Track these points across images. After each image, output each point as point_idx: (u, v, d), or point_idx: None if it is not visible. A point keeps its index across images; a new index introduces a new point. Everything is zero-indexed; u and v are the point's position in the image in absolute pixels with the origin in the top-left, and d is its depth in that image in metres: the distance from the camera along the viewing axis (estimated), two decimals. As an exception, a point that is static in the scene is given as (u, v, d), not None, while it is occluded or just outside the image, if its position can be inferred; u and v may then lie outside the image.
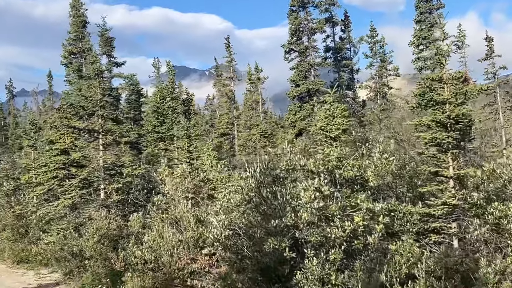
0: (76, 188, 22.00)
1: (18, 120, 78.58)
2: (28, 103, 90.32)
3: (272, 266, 13.68)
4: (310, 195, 12.35)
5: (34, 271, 20.99)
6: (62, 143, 23.18)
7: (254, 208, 14.53)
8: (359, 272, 12.13)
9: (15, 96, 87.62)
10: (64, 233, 20.66)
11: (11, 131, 73.64)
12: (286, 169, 13.80)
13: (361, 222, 12.28)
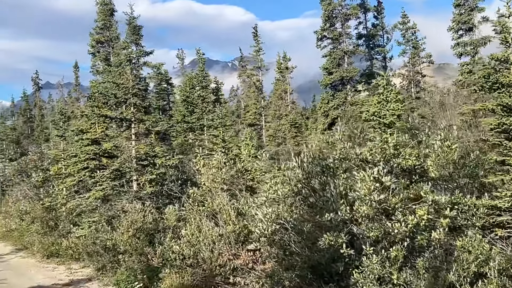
0: (107, 180, 21.24)
1: (44, 112, 78.42)
2: (53, 95, 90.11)
3: (323, 264, 12.67)
4: (369, 186, 11.28)
5: (65, 265, 20.31)
6: (93, 132, 22.43)
7: (302, 200, 13.52)
8: (422, 271, 11.05)
9: (41, 88, 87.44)
10: (96, 226, 19.95)
11: (37, 123, 73.50)
12: (340, 159, 12.71)
13: (425, 216, 11.17)
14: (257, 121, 59.93)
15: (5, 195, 35.76)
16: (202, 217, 17.08)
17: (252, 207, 15.71)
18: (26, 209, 26.85)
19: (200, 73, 38.46)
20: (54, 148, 27.02)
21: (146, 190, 20.42)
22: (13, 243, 25.54)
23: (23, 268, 20.33)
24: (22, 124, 74.61)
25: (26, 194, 27.54)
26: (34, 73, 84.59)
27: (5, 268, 20.34)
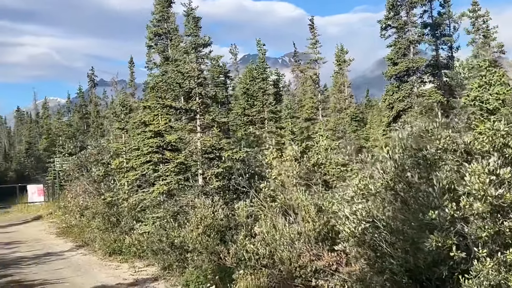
0: (171, 174, 20.26)
1: (99, 108, 78.78)
2: (108, 92, 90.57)
3: (422, 267, 11.26)
4: (483, 180, 9.78)
5: (128, 263, 19.51)
6: (156, 124, 21.53)
7: (393, 196, 12.12)
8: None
9: (96, 85, 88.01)
10: (161, 222, 18.98)
11: (92, 119, 73.85)
12: (444, 149, 11.25)
13: (551, 214, 9.62)
14: (313, 115, 58.41)
15: (64, 190, 35.48)
16: (275, 214, 15.90)
17: (335, 203, 14.43)
18: (86, 204, 26.25)
19: (261, 64, 37.28)
20: (114, 141, 26.28)
21: (212, 185, 19.35)
22: (73, 239, 24.99)
23: (85, 266, 19.61)
24: (78, 120, 75.13)
25: (86, 189, 26.96)
26: (89, 69, 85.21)
27: (67, 266, 19.69)
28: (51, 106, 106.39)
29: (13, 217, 36.96)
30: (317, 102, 59.05)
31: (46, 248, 23.47)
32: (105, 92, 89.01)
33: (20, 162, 79.08)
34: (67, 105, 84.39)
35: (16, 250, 23.11)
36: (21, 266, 19.71)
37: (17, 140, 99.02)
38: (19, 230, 29.53)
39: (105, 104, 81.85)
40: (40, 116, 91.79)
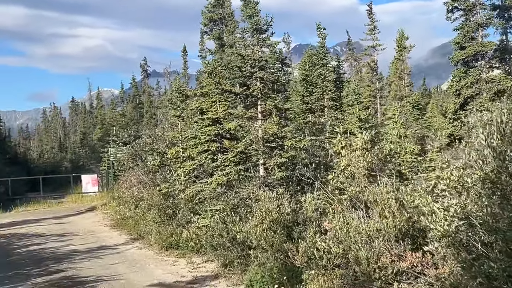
0: (231, 164, 19.04)
1: (152, 98, 78.71)
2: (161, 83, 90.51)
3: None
4: None
5: (186, 259, 18.44)
6: (214, 112, 20.35)
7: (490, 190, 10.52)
8: None
9: (149, 75, 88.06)
10: (220, 215, 17.80)
11: (145, 109, 73.74)
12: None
13: None
14: (371, 104, 56.35)
15: (118, 181, 34.88)
16: (346, 208, 14.50)
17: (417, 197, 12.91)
18: (141, 196, 25.38)
19: (321, 49, 35.69)
20: (170, 130, 25.25)
21: (275, 176, 18.03)
22: (128, 231, 24.17)
23: (141, 261, 18.65)
24: (132, 110, 75.14)
25: (141, 180, 26.09)
26: (142, 60, 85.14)
27: (121, 261, 18.76)
28: (105, 97, 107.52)
29: (67, 208, 36.64)
30: (375, 90, 56.98)
31: (100, 241, 22.71)
32: (158, 82, 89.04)
33: (75, 152, 79.81)
34: (120, 95, 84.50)
35: (69, 243, 22.43)
36: (74, 261, 18.91)
37: (72, 130, 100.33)
38: (73, 221, 29.00)
39: (158, 95, 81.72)
40: (94, 107, 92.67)
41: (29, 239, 23.67)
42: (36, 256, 20.09)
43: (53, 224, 28.07)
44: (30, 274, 17.16)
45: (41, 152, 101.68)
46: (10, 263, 18.98)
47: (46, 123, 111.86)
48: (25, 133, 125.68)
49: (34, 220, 30.14)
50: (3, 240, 23.82)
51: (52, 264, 18.44)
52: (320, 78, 32.97)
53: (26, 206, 37.40)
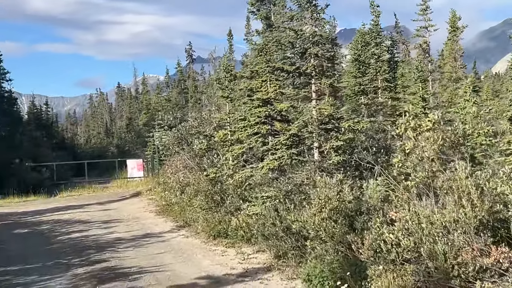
0: (283, 147, 17.67)
1: (196, 83, 77.99)
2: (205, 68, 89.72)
3: None
4: None
5: (235, 248, 17.20)
6: (264, 92, 18.98)
7: None
8: None
9: (194, 60, 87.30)
10: (272, 202, 16.50)
11: (190, 94, 73.01)
12: None
13: None
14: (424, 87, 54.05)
15: (164, 165, 33.92)
16: (412, 195, 12.99)
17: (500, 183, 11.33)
18: (188, 181, 24.27)
19: (374, 28, 33.87)
20: (218, 112, 24.01)
21: (331, 160, 16.57)
22: (173, 218, 23.11)
23: (187, 251, 17.50)
24: (177, 95, 74.55)
25: (187, 164, 24.95)
26: (187, 45, 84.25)
27: (167, 250, 17.66)
28: (150, 83, 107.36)
29: (111, 193, 35.91)
30: (427, 72, 54.67)
31: (145, 228, 21.71)
32: (202, 67, 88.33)
33: (121, 137, 79.79)
34: (166, 80, 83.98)
35: (113, 230, 21.48)
36: (118, 250, 17.91)
37: (118, 116, 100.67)
38: (118, 207, 28.13)
39: (202, 80, 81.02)
40: (140, 92, 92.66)
41: (72, 226, 22.86)
42: (78, 244, 19.18)
43: (97, 210, 27.26)
44: (71, 264, 16.20)
45: (87, 137, 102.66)
46: (50, 252, 18.10)
47: (93, 108, 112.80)
48: (73, 118, 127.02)
49: (77, 205, 29.43)
50: (45, 227, 23.07)
51: (94, 253, 17.46)
52: (374, 58, 31.21)
53: (70, 191, 36.84)
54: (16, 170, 40.32)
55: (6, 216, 26.77)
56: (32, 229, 22.63)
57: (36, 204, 31.73)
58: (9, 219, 25.81)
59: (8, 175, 39.46)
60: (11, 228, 22.96)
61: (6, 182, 38.20)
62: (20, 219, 25.57)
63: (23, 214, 27.00)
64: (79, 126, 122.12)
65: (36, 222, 24.49)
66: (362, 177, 16.77)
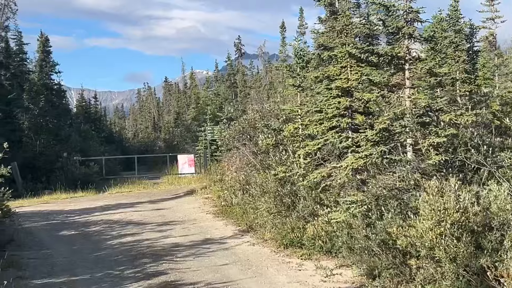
0: (368, 144, 14.86)
1: (245, 78, 75.87)
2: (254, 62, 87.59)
3: None
4: None
5: (312, 261, 14.63)
6: (344, 79, 16.26)
7: None
8: None
9: (243, 54, 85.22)
10: (359, 209, 13.79)
11: (240, 88, 70.86)
12: None
13: None
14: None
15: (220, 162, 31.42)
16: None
17: None
18: (248, 180, 21.73)
19: (453, 13, 30.56)
20: (287, 102, 21.32)
21: (431, 159, 13.66)
22: (235, 222, 20.59)
23: (256, 262, 14.94)
24: (226, 89, 72.34)
25: (249, 161, 22.33)
26: (236, 38, 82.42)
27: (233, 261, 15.13)
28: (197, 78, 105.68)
29: (163, 190, 33.56)
30: (493, 66, 50.88)
31: (203, 232, 19.23)
32: (251, 62, 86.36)
33: (169, 132, 78.13)
34: (214, 74, 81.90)
35: (169, 234, 19.06)
36: (176, 259, 15.45)
37: (165, 110, 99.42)
38: (171, 206, 25.68)
39: (251, 75, 79.00)
40: (188, 87, 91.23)
41: (123, 228, 20.52)
42: (131, 250, 16.79)
43: (149, 209, 24.88)
44: (124, 276, 13.83)
45: (135, 132, 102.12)
46: (100, 259, 15.77)
47: (141, 103, 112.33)
48: (120, 112, 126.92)
49: (128, 204, 27.16)
50: (94, 229, 20.80)
51: (150, 263, 15.05)
52: (452, 47, 27.92)
53: (120, 188, 34.64)
54: (64, 164, 38.47)
55: (52, 215, 24.66)
56: (80, 231, 20.41)
57: (84, 201, 29.65)
58: (55, 218, 23.67)
59: (55, 169, 37.70)
60: (57, 229, 20.78)
61: (53, 177, 36.44)
62: (67, 219, 23.40)
63: (70, 213, 24.84)
64: (127, 120, 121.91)
65: (84, 222, 22.27)
66: (466, 180, 13.85)
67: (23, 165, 35.34)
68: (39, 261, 15.78)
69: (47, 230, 20.94)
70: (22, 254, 16.64)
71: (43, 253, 16.85)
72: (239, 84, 73.12)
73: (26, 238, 19.23)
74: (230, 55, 77.66)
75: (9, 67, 43.27)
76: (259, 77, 75.43)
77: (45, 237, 19.59)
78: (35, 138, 40.95)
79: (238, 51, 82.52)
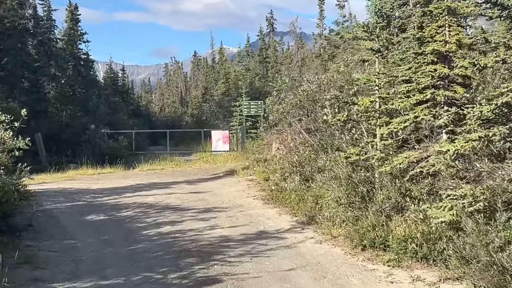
0: (476, 122, 11.40)
1: (277, 53, 72.60)
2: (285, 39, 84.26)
3: None
4: None
5: (404, 270, 11.35)
6: (440, 42, 12.82)
7: None
8: None
9: (275, 29, 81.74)
10: (474, 207, 10.43)
11: (271, 64, 67.66)
12: None
13: None
14: None
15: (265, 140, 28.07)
16: None
17: None
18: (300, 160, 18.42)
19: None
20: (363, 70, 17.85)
21: None
22: (290, 210, 17.26)
23: (331, 268, 11.66)
24: (258, 64, 68.98)
25: (305, 140, 18.95)
26: (268, 13, 78.77)
27: (300, 264, 11.99)
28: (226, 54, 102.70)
29: (199, 169, 30.27)
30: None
31: (255, 223, 15.96)
32: (281, 38, 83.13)
33: (198, 107, 75.19)
34: (246, 49, 78.34)
35: (214, 224, 15.80)
36: (230, 259, 12.19)
37: (193, 85, 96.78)
38: (212, 188, 22.29)
39: (281, 51, 75.85)
40: (216, 62, 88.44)
41: (160, 214, 17.26)
42: (173, 244, 13.58)
43: (187, 192, 21.54)
44: (168, 283, 10.63)
45: (162, 106, 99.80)
46: (136, 255, 12.61)
47: (168, 77, 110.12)
48: (147, 86, 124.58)
49: (162, 184, 23.94)
50: (126, 213, 17.59)
51: (197, 264, 11.84)
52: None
53: (151, 164, 31.44)
54: (91, 137, 35.42)
55: (78, 194, 21.52)
56: (110, 216, 17.21)
57: (113, 178, 26.54)
58: (81, 198, 20.51)
59: (82, 142, 34.70)
60: (84, 213, 17.60)
61: (79, 150, 33.46)
62: (94, 200, 20.21)
63: (98, 193, 21.67)
64: (153, 94, 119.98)
65: (115, 205, 19.08)
66: None
67: (47, 137, 32.51)
68: (61, 255, 12.62)
69: (71, 213, 17.81)
70: (41, 244, 13.51)
71: (67, 244, 13.70)
72: (271, 60, 69.83)
73: (47, 223, 16.07)
74: (262, 29, 74.14)
75: (36, 35, 40.33)
76: (289, 54, 72.34)
77: (69, 222, 16.43)
78: (61, 109, 38.08)
79: (270, 25, 79.09)
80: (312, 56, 54.46)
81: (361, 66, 18.55)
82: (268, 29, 78.49)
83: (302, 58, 63.52)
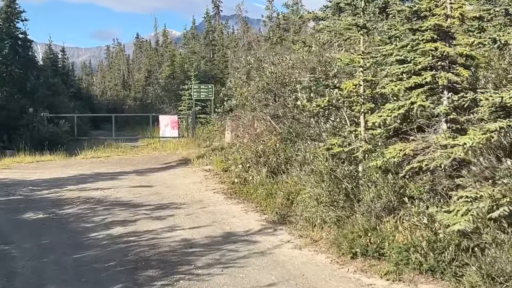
0: (487, 110, 9.59)
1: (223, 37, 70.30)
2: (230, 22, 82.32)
3: None
4: None
5: (406, 284, 9.32)
6: (440, 16, 10.93)
7: None
8: None
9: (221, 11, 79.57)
10: (497, 212, 8.55)
11: (218, 47, 65.23)
12: None
13: None
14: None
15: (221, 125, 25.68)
16: None
17: None
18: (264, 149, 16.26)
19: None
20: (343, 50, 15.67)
21: None
22: (256, 206, 15.09)
23: (320, 283, 9.57)
24: (204, 47, 66.26)
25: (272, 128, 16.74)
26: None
27: (281, 277, 9.91)
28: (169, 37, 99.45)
29: (148, 157, 27.58)
30: None
31: (219, 222, 13.70)
32: (227, 21, 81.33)
33: (141, 91, 71.96)
34: (191, 31, 75.31)
35: (173, 224, 13.43)
36: (197, 271, 9.93)
37: (136, 68, 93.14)
38: (166, 181, 19.70)
39: (227, 34, 73.73)
40: (160, 45, 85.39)
41: (109, 211, 14.69)
42: (127, 251, 11.16)
43: (138, 184, 18.91)
44: (126, 310, 8.26)
45: (103, 89, 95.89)
46: (82, 267, 10.18)
47: (109, 59, 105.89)
48: (88, 69, 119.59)
49: (109, 174, 21.24)
50: (70, 211, 14.93)
51: (159, 277, 9.57)
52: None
53: (95, 151, 28.52)
54: (30, 121, 32.02)
55: (13, 186, 18.61)
56: (51, 214, 14.52)
57: (53, 167, 23.59)
58: (17, 191, 17.63)
59: (19, 126, 31.27)
60: (20, 210, 14.83)
61: (16, 135, 30.12)
62: (32, 194, 17.35)
63: (37, 185, 18.81)
64: (94, 77, 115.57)
65: (56, 200, 16.34)
66: None
67: (-21, 121, 29.06)
68: (-11, 267, 10.04)
69: (5, 210, 15.01)
70: (-35, 252, 10.89)
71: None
72: (217, 43, 67.26)
73: (-26, 224, 13.37)
74: (209, 11, 71.39)
75: (-32, 10, 36.41)
76: (234, 37, 70.35)
77: (2, 222, 13.73)
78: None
79: (216, 8, 76.76)
80: (261, 39, 52.60)
81: (331, 46, 16.42)
82: (214, 11, 76.12)
83: (248, 42, 61.74)
